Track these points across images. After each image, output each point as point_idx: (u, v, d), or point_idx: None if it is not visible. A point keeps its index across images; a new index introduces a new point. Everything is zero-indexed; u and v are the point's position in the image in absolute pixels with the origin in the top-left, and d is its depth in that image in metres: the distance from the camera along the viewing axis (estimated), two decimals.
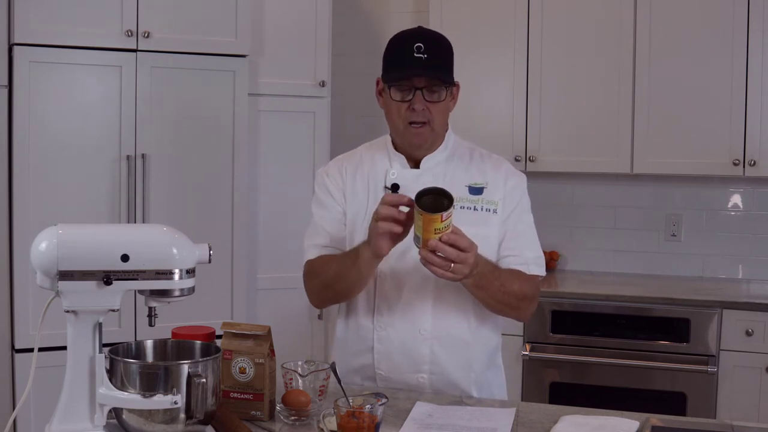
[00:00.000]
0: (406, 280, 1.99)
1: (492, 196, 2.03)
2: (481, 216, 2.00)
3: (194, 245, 1.60)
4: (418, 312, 1.99)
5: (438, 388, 2.01)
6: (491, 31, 3.88)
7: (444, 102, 1.98)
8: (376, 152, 2.10)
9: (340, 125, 4.02)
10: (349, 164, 2.12)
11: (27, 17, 3.07)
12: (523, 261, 2.02)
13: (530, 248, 2.05)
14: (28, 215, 3.11)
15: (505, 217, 2.03)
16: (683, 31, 3.63)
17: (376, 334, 2.02)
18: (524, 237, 2.05)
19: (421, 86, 1.94)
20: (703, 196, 3.96)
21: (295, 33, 3.62)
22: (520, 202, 2.07)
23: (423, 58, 1.91)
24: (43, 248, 1.52)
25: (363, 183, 2.08)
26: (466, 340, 2.02)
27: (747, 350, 3.33)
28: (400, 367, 2.01)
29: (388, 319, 2.00)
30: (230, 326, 1.80)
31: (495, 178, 2.05)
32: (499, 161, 2.11)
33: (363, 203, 2.05)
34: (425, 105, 1.95)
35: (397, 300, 2.00)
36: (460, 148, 2.10)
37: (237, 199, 3.43)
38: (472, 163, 2.08)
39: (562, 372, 3.53)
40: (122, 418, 1.57)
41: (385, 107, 2.03)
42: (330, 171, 2.13)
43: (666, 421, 1.79)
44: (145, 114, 3.27)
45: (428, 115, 1.96)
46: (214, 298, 3.34)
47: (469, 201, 2.01)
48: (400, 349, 2.00)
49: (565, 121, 3.82)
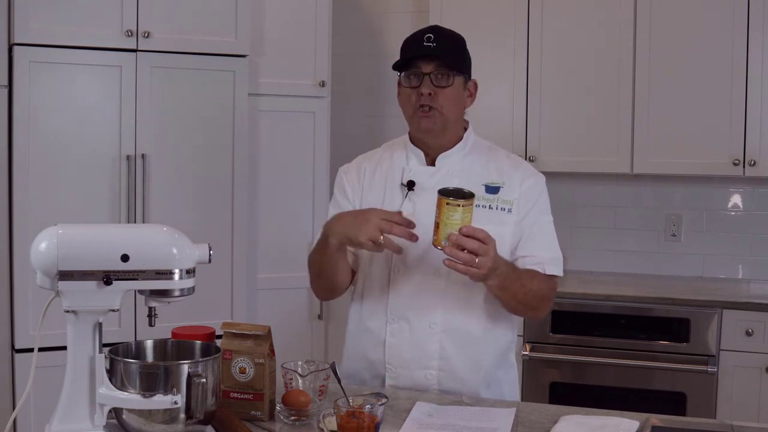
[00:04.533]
0: (419, 273, 2.01)
1: (508, 196, 2.03)
2: (496, 215, 2.01)
3: (194, 245, 1.60)
4: (429, 305, 2.01)
5: (446, 387, 2.01)
6: (491, 32, 3.87)
7: (453, 88, 1.99)
8: (395, 150, 2.13)
9: (340, 125, 4.02)
10: (369, 163, 2.15)
11: (27, 17, 3.07)
12: (538, 261, 2.02)
13: (547, 249, 2.06)
14: (28, 215, 3.11)
15: (520, 218, 2.03)
16: (683, 31, 3.63)
17: (389, 326, 2.03)
18: (540, 238, 2.05)
19: (428, 71, 1.97)
20: (703, 196, 3.96)
21: (295, 33, 3.62)
22: (537, 202, 2.07)
23: (432, 47, 1.97)
24: (43, 248, 1.52)
25: (381, 180, 2.10)
26: (476, 336, 2.02)
27: (747, 350, 3.33)
28: (409, 363, 2.01)
29: (401, 312, 2.02)
30: (230, 326, 1.80)
31: (512, 178, 2.06)
32: (518, 161, 2.13)
33: (378, 201, 2.07)
34: (432, 89, 1.97)
35: (409, 293, 2.01)
36: (479, 146, 2.12)
37: (237, 199, 3.43)
38: (491, 162, 2.08)
39: (562, 372, 3.53)
40: (122, 418, 1.57)
41: (400, 99, 2.07)
42: (349, 169, 2.17)
43: (666, 421, 1.79)
44: (145, 114, 3.27)
45: (436, 100, 1.98)
46: (214, 298, 3.34)
47: (485, 200, 2.02)
48: (410, 343, 2.01)
49: (565, 121, 3.82)
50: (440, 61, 1.97)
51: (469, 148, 2.08)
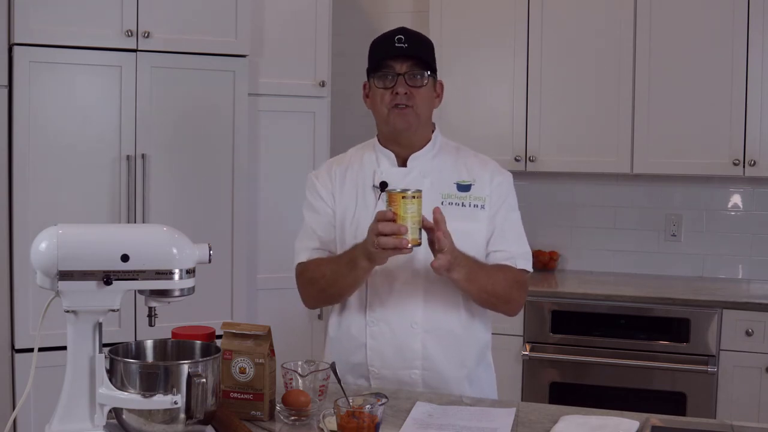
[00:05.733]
0: (397, 274, 2.02)
1: (480, 193, 2.08)
2: (469, 211, 2.05)
3: (194, 245, 1.60)
4: (409, 306, 2.02)
5: (431, 386, 2.03)
6: (491, 32, 3.88)
7: (426, 88, 2.04)
8: (364, 152, 2.15)
9: (340, 125, 4.01)
10: (339, 166, 2.17)
11: (27, 17, 3.07)
12: (509, 256, 2.07)
13: (517, 244, 2.10)
14: (28, 215, 3.11)
15: (492, 214, 2.07)
16: (683, 31, 3.63)
17: (368, 329, 2.04)
18: (511, 233, 2.09)
19: (402, 72, 2.01)
20: (703, 196, 3.96)
21: (295, 33, 3.62)
22: (507, 199, 2.11)
23: (404, 47, 2.00)
24: (43, 248, 1.52)
25: (352, 183, 2.12)
26: (458, 334, 2.04)
27: (747, 350, 3.33)
28: (392, 364, 2.03)
29: (381, 314, 2.03)
30: (230, 326, 1.80)
31: (481, 176, 2.10)
32: (485, 160, 2.17)
33: (351, 203, 2.10)
34: (408, 89, 2.01)
35: (388, 294, 2.03)
36: (446, 147, 2.16)
37: (237, 199, 3.43)
38: (459, 161, 2.12)
39: (562, 372, 3.53)
40: (122, 418, 1.57)
41: (371, 101, 2.09)
42: (319, 174, 2.19)
43: (666, 421, 1.79)
44: (145, 114, 3.27)
45: (412, 99, 2.01)
46: (214, 298, 3.34)
47: (457, 197, 2.06)
48: (392, 344, 2.02)
49: (565, 121, 3.82)
50: (414, 61, 2.01)
51: (437, 149, 2.12)
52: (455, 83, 3.65)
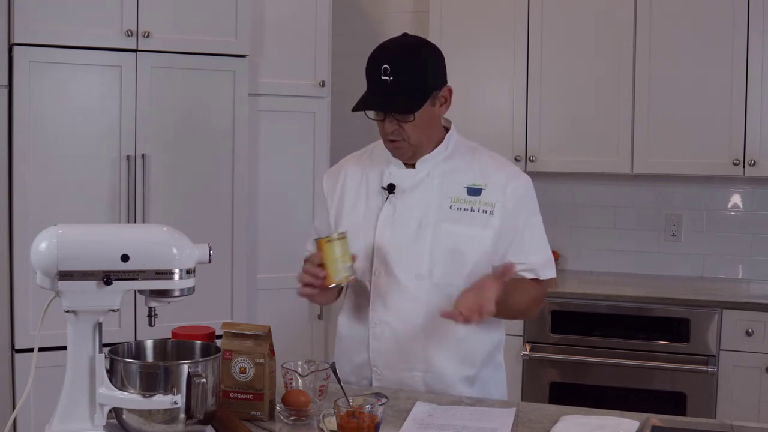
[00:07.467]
0: (400, 276, 2.01)
1: (490, 198, 2.02)
2: (477, 217, 2.01)
3: (194, 245, 1.60)
4: (412, 309, 2.01)
5: (432, 387, 2.02)
6: (491, 31, 3.88)
7: (419, 116, 1.95)
8: (379, 151, 2.12)
9: (340, 125, 4.01)
10: (353, 163, 2.16)
11: (27, 17, 3.07)
12: (530, 268, 2.05)
13: (537, 253, 2.07)
14: (28, 215, 3.11)
15: (504, 220, 2.02)
16: (683, 31, 3.63)
17: (371, 330, 2.04)
18: (530, 242, 2.06)
19: (388, 111, 1.95)
20: (703, 196, 3.96)
21: (295, 33, 3.62)
22: (526, 205, 2.06)
23: (388, 82, 1.90)
24: (43, 248, 1.52)
25: (363, 181, 2.10)
26: (460, 337, 2.03)
27: (747, 350, 3.33)
28: (394, 365, 2.03)
29: (383, 316, 2.02)
30: (230, 326, 1.80)
31: (495, 180, 2.04)
32: (501, 163, 2.11)
33: (352, 200, 2.09)
34: (396, 126, 1.95)
35: (391, 296, 2.02)
36: (461, 147, 2.10)
37: (237, 199, 3.43)
38: (474, 163, 2.07)
39: (562, 372, 3.53)
40: (122, 418, 1.57)
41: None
42: (330, 172, 2.20)
43: (666, 421, 1.79)
44: (145, 114, 3.27)
45: (401, 133, 1.96)
46: (214, 298, 3.34)
47: (466, 202, 2.02)
48: (394, 345, 2.02)
49: (565, 121, 3.82)
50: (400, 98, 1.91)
51: (450, 150, 2.07)
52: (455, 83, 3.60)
